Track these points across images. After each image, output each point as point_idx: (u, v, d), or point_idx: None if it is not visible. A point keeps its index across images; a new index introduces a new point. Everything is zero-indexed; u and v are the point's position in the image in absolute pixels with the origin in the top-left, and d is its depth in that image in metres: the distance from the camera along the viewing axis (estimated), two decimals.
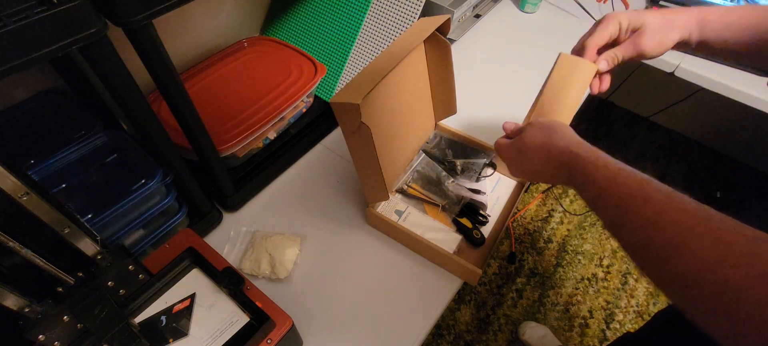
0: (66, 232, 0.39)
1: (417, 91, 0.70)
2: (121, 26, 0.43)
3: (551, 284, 1.48)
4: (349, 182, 0.77)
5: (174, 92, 0.53)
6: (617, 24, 0.52)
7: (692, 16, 0.50)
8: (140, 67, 0.48)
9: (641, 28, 0.51)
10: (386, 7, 0.84)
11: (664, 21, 0.51)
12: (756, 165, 1.75)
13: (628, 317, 1.41)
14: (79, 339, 0.43)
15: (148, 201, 0.59)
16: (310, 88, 0.78)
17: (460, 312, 1.41)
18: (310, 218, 0.72)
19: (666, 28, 0.50)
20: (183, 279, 0.55)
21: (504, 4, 1.20)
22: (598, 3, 1.19)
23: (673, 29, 0.50)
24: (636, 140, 1.92)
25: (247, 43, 0.89)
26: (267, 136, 0.78)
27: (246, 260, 0.65)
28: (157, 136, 0.55)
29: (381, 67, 0.54)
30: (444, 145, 0.77)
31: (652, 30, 0.50)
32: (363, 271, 0.66)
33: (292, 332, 0.52)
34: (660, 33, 0.50)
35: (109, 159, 0.62)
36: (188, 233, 0.57)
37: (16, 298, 0.37)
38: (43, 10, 0.35)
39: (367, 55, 0.85)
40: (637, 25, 0.51)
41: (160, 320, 0.51)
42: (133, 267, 0.47)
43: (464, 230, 0.67)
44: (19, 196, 0.35)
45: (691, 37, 0.51)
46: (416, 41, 0.59)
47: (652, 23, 0.50)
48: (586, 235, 1.60)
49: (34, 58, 0.37)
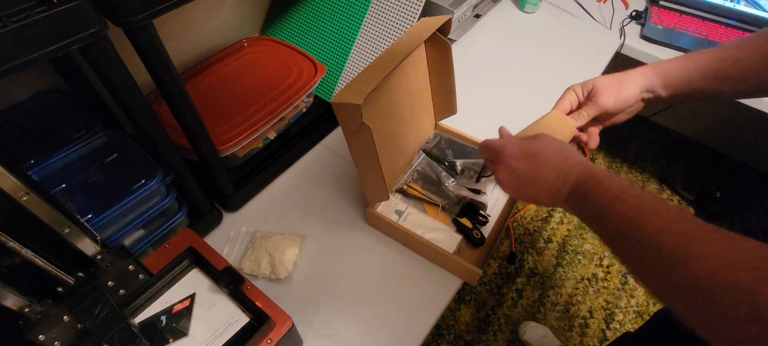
0: (66, 232, 0.39)
1: (417, 91, 0.70)
2: (121, 26, 0.43)
3: (551, 284, 1.48)
4: (349, 181, 0.77)
5: (174, 92, 0.53)
6: (572, 92, 0.60)
7: (646, 69, 0.56)
8: (140, 67, 0.48)
9: (593, 89, 0.57)
10: (386, 7, 0.84)
11: (613, 79, 0.57)
12: (756, 165, 1.75)
13: (628, 317, 1.41)
14: (79, 339, 0.43)
15: (148, 201, 0.59)
16: (310, 88, 0.78)
17: (460, 312, 1.41)
18: (310, 218, 0.72)
19: (617, 83, 0.57)
20: (183, 279, 0.55)
21: (504, 4, 1.20)
22: (598, 3, 1.19)
23: (625, 82, 0.56)
24: (636, 140, 1.92)
25: (247, 43, 0.89)
26: (267, 136, 0.78)
27: (246, 260, 0.65)
28: (157, 136, 0.55)
29: (382, 68, 0.54)
30: (444, 145, 0.77)
31: (604, 87, 0.57)
32: (363, 271, 0.66)
33: (292, 332, 0.52)
34: (613, 87, 0.57)
35: (109, 159, 0.62)
36: (188, 233, 0.57)
37: (16, 298, 0.37)
38: (43, 10, 0.35)
39: (367, 55, 0.85)
40: (589, 88, 0.58)
41: (160, 320, 0.51)
42: (133, 267, 0.47)
43: (464, 230, 0.67)
44: (19, 196, 0.35)
45: (653, 85, 0.56)
46: (417, 41, 0.59)
47: (603, 82, 0.57)
48: (586, 235, 1.60)
49: (34, 58, 0.37)
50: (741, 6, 1.07)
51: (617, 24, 1.12)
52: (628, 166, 1.82)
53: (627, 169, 1.82)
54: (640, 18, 1.12)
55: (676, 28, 1.07)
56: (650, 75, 0.56)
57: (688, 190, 1.72)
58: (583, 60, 1.03)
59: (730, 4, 1.08)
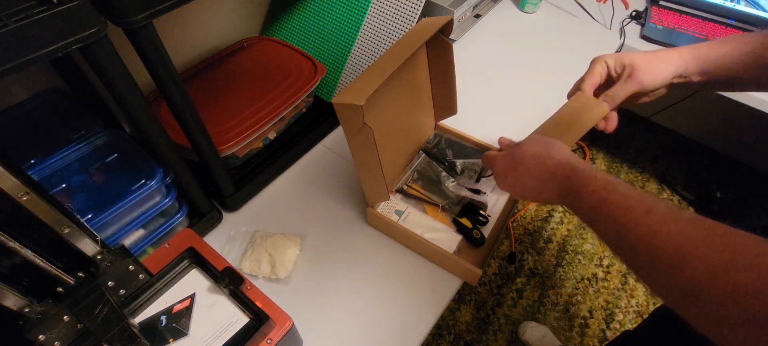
0: (66, 232, 0.39)
1: (418, 91, 0.70)
2: (121, 26, 0.43)
3: (551, 284, 1.48)
4: (349, 182, 0.77)
5: (174, 92, 0.53)
6: (604, 64, 0.55)
7: (683, 51, 0.52)
8: (140, 67, 0.48)
9: (632, 64, 0.53)
10: (386, 7, 0.84)
11: (652, 56, 0.53)
12: (756, 165, 1.75)
13: (628, 317, 1.41)
14: (79, 339, 0.43)
15: (148, 201, 0.59)
16: (310, 88, 0.78)
17: (460, 312, 1.41)
18: (310, 218, 0.72)
19: (656, 61, 0.52)
20: (183, 279, 0.55)
21: (504, 4, 1.20)
22: (598, 3, 1.19)
23: (663, 61, 0.52)
24: (636, 140, 1.92)
25: (246, 43, 0.89)
26: (267, 136, 0.78)
27: (246, 260, 0.65)
28: (157, 136, 0.55)
29: (384, 68, 0.54)
30: (444, 145, 0.77)
31: (644, 64, 0.53)
32: (363, 271, 0.66)
33: (292, 332, 0.52)
34: (651, 66, 0.52)
35: (109, 159, 0.62)
36: (188, 233, 0.57)
37: (16, 298, 0.37)
38: (43, 10, 0.35)
39: (367, 55, 0.85)
40: (626, 62, 0.54)
41: (160, 320, 0.51)
42: (133, 267, 0.47)
43: (464, 230, 0.67)
44: (19, 196, 0.35)
45: (688, 69, 0.52)
46: (419, 41, 0.59)
47: (641, 58, 0.53)
48: (586, 235, 1.60)
49: (34, 58, 0.37)
50: (741, 6, 1.07)
51: (617, 24, 1.12)
52: (628, 166, 1.82)
53: (627, 169, 1.82)
54: (640, 18, 1.12)
55: (676, 28, 1.07)
56: (688, 58, 0.51)
57: (688, 190, 1.72)
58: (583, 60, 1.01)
59: (730, 4, 1.08)
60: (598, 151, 1.87)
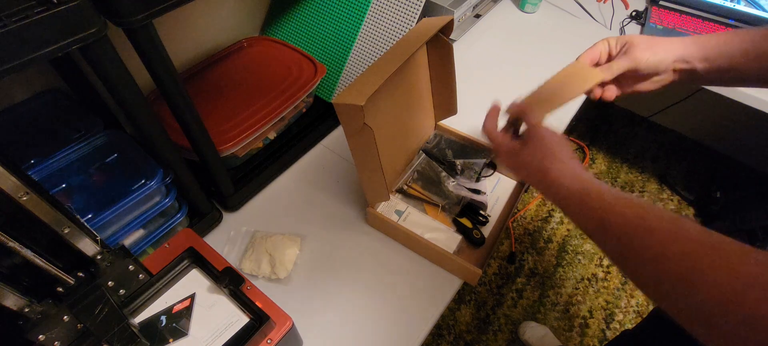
0: (66, 232, 0.39)
1: (418, 91, 0.70)
2: (121, 26, 0.43)
3: (551, 284, 1.48)
4: (349, 182, 0.77)
5: (174, 92, 0.53)
6: (606, 43, 0.57)
7: (685, 38, 0.54)
8: (140, 67, 0.48)
9: (631, 42, 0.55)
10: (386, 7, 0.84)
11: (651, 38, 0.55)
12: (756, 165, 1.75)
13: (628, 317, 1.41)
14: (79, 339, 0.43)
15: (148, 201, 0.59)
16: (310, 88, 0.78)
17: (460, 312, 1.41)
18: (310, 218, 0.72)
19: (656, 42, 0.54)
20: (183, 279, 0.55)
21: (504, 4, 1.20)
22: (598, 3, 1.19)
23: (663, 43, 0.54)
24: (636, 140, 1.92)
25: (246, 43, 0.89)
26: (267, 136, 0.78)
27: (246, 260, 0.65)
28: (157, 136, 0.55)
29: (384, 68, 0.54)
30: (444, 145, 0.77)
31: (640, 42, 0.54)
32: (363, 271, 0.66)
33: (292, 332, 0.52)
34: (649, 44, 0.54)
35: (109, 159, 0.62)
36: (188, 233, 0.57)
37: (16, 298, 0.37)
38: (43, 10, 0.35)
39: (367, 55, 0.85)
40: (623, 42, 0.56)
41: (160, 320, 0.51)
42: (133, 267, 0.47)
43: (464, 230, 0.67)
44: (19, 196, 0.34)
45: (690, 53, 0.53)
46: (419, 42, 0.59)
47: (639, 37, 0.55)
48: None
49: (34, 58, 0.37)
50: (741, 6, 1.07)
51: (617, 24, 1.12)
52: (628, 166, 1.82)
53: (627, 169, 1.82)
54: (640, 18, 1.12)
55: (676, 28, 1.07)
56: (689, 43, 0.53)
57: (688, 190, 1.72)
58: None
59: (730, 4, 1.08)
60: (598, 151, 1.87)
